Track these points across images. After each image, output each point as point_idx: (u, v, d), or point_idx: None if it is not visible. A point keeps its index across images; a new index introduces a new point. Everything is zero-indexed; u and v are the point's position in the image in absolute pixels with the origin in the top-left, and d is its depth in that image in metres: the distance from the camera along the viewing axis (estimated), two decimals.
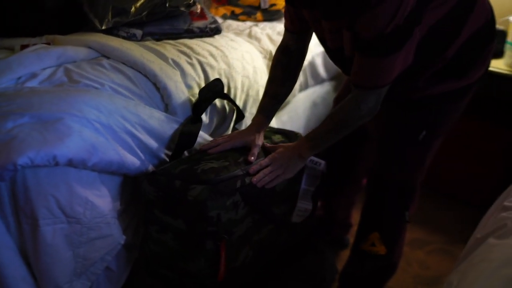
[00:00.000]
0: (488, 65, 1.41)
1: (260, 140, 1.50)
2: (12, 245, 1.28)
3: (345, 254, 1.78)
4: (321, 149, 1.43)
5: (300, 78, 2.16)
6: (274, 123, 2.10)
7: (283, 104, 2.16)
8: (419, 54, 1.23)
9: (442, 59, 1.30)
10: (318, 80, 2.30)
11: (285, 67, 1.54)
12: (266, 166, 1.40)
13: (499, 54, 2.04)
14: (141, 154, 1.44)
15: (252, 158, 1.43)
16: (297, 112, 2.28)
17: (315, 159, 1.50)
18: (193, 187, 1.31)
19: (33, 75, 1.44)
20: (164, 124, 1.49)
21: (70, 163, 1.27)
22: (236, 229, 1.38)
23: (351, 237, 1.92)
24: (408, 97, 1.40)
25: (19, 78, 1.43)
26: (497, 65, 2.00)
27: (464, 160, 2.25)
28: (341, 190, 1.89)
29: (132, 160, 1.41)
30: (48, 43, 1.58)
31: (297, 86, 2.16)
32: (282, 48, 1.54)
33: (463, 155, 2.25)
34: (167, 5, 1.73)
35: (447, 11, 1.22)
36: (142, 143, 1.44)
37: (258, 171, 1.39)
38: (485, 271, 0.91)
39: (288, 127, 2.21)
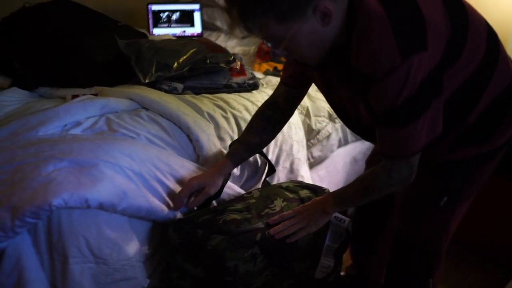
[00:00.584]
0: None
1: (215, 186, 1.49)
2: (44, 280, 1.35)
3: None
4: (347, 208, 1.44)
5: (340, 134, 2.19)
6: (311, 177, 2.13)
7: (321, 158, 2.20)
8: (443, 123, 1.23)
9: (463, 125, 1.29)
10: (358, 136, 2.31)
11: (267, 119, 1.53)
12: (289, 218, 1.42)
13: None
14: (170, 202, 1.51)
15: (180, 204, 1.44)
16: (336, 167, 2.29)
17: (340, 216, 1.51)
18: (214, 237, 1.36)
19: (78, 123, 1.56)
20: (194, 175, 1.56)
21: (101, 207, 1.36)
22: (254, 281, 1.41)
23: None
24: (429, 161, 1.37)
25: (65, 125, 1.56)
26: None
27: (495, 219, 2.18)
28: (373, 249, 1.87)
29: (161, 207, 1.48)
30: (96, 94, 1.73)
31: (336, 141, 2.19)
32: (269, 103, 1.54)
33: (493, 214, 2.18)
34: (208, 61, 1.85)
35: (467, 76, 1.22)
36: (171, 191, 1.51)
37: (278, 222, 1.41)
38: None
39: (326, 182, 2.23)
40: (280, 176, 1.88)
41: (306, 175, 1.97)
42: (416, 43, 1.10)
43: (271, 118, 1.54)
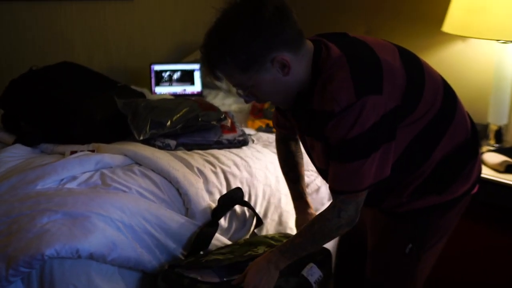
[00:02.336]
0: (475, 179, 1.44)
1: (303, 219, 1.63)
2: None
3: None
4: (298, 257, 1.43)
5: None
6: None
7: None
8: (397, 171, 1.31)
9: (421, 175, 1.35)
10: None
11: (288, 153, 1.66)
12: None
13: None
14: (158, 253, 1.59)
15: None
16: None
17: (311, 271, 1.54)
18: (199, 286, 1.44)
19: (74, 178, 1.67)
20: (183, 227, 1.65)
21: (91, 257, 1.44)
22: None
23: None
24: (394, 210, 1.44)
25: (62, 180, 1.67)
26: None
27: (477, 267, 2.22)
28: None
29: (149, 259, 1.56)
30: (93, 150, 1.84)
31: (326, 195, 2.24)
32: (279, 139, 1.68)
33: (476, 264, 2.22)
34: (200, 119, 1.97)
35: (423, 128, 1.30)
36: (160, 243, 1.59)
37: (239, 283, 1.44)
38: None
39: None
40: (269, 229, 1.95)
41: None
42: (371, 85, 1.21)
43: (289, 150, 1.66)
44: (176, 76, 2.86)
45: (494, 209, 2.09)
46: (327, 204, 2.30)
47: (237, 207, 1.82)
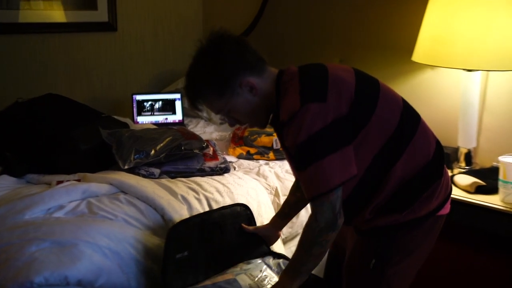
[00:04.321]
0: (442, 200, 1.50)
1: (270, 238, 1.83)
2: None
3: None
4: (305, 276, 1.48)
5: (310, 211, 2.33)
6: (285, 253, 2.24)
7: (293, 235, 2.33)
8: (360, 188, 1.40)
9: (380, 193, 1.43)
10: None
11: (296, 180, 1.75)
12: None
13: (494, 191, 2.16)
14: (144, 280, 1.62)
15: None
16: None
17: None
18: None
19: (61, 207, 1.72)
20: None
21: (80, 284, 1.48)
22: None
23: None
24: (359, 227, 1.52)
25: (49, 209, 1.71)
26: (492, 201, 2.11)
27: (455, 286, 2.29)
28: None
29: (135, 285, 1.59)
30: (79, 180, 1.89)
31: (305, 218, 2.31)
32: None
33: (450, 284, 2.29)
34: (182, 148, 2.04)
35: (380, 148, 1.40)
36: (146, 269, 1.63)
37: None
38: None
39: None
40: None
41: (279, 250, 2.09)
42: (315, 94, 1.36)
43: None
44: (157, 105, 2.93)
45: (465, 229, 2.18)
46: None
47: None
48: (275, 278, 1.69)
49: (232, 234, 1.78)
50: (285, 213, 1.83)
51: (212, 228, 1.73)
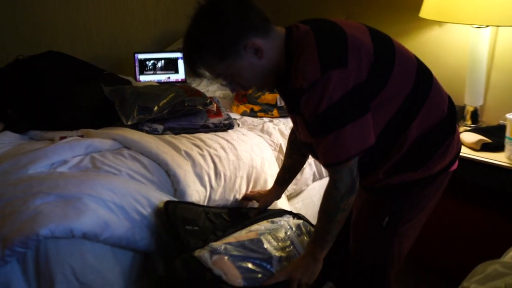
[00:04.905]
0: (453, 156, 1.50)
1: (265, 203, 1.83)
2: None
3: None
4: (331, 243, 1.47)
5: (314, 168, 2.33)
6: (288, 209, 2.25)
7: (297, 192, 2.33)
8: (375, 149, 1.36)
9: (396, 153, 1.41)
10: None
11: (292, 142, 1.74)
12: (283, 280, 1.48)
13: (500, 148, 2.15)
14: (149, 233, 1.63)
15: None
16: (312, 200, 2.41)
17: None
18: (222, 287, 1.44)
19: (64, 162, 1.71)
20: None
21: (85, 236, 1.48)
22: None
23: None
24: (371, 186, 1.50)
25: (53, 164, 1.70)
26: (498, 158, 2.10)
27: (455, 241, 2.30)
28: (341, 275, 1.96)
29: (140, 238, 1.60)
30: (82, 136, 1.88)
31: (310, 175, 2.32)
32: (292, 130, 1.74)
33: (455, 236, 2.30)
34: (186, 104, 2.01)
35: (397, 107, 1.36)
36: (151, 223, 1.63)
37: (273, 285, 1.48)
38: None
39: (302, 213, 2.35)
40: None
41: (282, 206, 2.10)
42: (335, 60, 1.28)
43: (295, 141, 1.73)
44: (160, 64, 2.89)
45: (470, 186, 2.18)
46: (310, 184, 2.38)
47: None
48: (298, 247, 1.68)
49: None
50: (284, 179, 1.82)
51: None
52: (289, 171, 1.80)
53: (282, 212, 1.84)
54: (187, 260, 1.50)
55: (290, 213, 1.86)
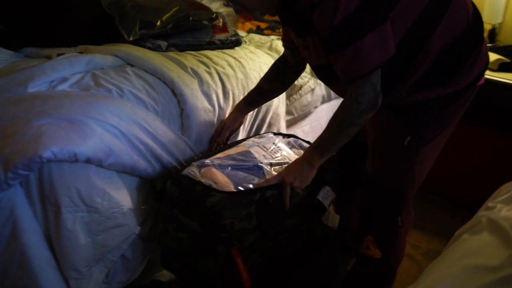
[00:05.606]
0: (482, 69, 1.41)
1: (234, 123, 1.75)
2: (38, 230, 1.42)
3: None
4: (331, 154, 1.44)
5: (323, 90, 2.25)
6: (296, 132, 2.19)
7: (305, 113, 2.27)
8: (395, 62, 1.28)
9: (419, 67, 1.33)
10: None
11: (277, 70, 1.68)
12: (275, 183, 1.45)
13: None
14: (153, 162, 1.57)
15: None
16: (320, 122, 2.36)
17: (326, 194, 1.58)
18: (213, 194, 1.40)
19: (64, 79, 1.59)
20: (173, 144, 1.63)
21: (89, 161, 1.40)
22: (248, 237, 1.46)
23: None
24: (393, 104, 1.43)
25: (52, 81, 1.58)
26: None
27: (471, 167, 2.28)
28: (352, 198, 1.94)
29: (144, 166, 1.54)
30: (81, 52, 1.76)
31: (319, 97, 2.25)
32: (281, 57, 1.67)
33: (471, 162, 2.27)
34: (190, 19, 1.88)
35: (416, 16, 1.27)
36: (154, 153, 1.56)
37: (264, 187, 1.45)
38: (448, 260, 0.97)
39: (310, 136, 2.30)
40: (258, 129, 1.98)
41: (282, 129, 2.05)
42: None
43: (281, 69, 1.67)
44: None
45: (487, 108, 2.11)
46: (320, 106, 2.31)
47: None
48: (288, 151, 1.66)
49: None
50: (255, 100, 1.74)
51: None
52: (263, 95, 1.73)
53: (272, 133, 1.80)
54: (177, 179, 1.48)
55: (280, 134, 1.81)
